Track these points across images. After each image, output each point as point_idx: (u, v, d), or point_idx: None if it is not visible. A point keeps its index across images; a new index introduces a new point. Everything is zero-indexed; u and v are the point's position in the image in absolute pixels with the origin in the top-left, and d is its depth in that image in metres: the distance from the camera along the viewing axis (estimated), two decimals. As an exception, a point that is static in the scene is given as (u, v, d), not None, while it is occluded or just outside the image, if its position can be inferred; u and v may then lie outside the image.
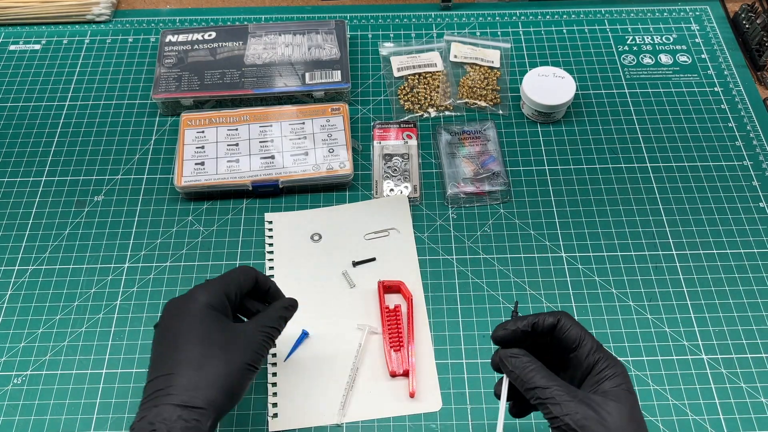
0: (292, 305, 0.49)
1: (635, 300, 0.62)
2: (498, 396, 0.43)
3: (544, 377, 0.39)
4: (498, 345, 0.43)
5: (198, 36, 0.79)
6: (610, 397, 0.38)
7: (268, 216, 0.68)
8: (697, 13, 0.86)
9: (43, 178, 0.71)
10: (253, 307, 0.50)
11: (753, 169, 0.71)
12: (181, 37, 0.79)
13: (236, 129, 0.72)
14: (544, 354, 0.43)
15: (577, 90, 0.73)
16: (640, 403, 0.40)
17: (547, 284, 0.63)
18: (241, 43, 0.78)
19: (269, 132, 0.72)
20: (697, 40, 0.83)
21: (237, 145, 0.71)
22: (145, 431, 0.38)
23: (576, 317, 0.55)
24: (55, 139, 0.74)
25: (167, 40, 0.79)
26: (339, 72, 0.75)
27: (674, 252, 0.65)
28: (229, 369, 0.41)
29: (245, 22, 0.84)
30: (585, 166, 0.72)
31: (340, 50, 0.77)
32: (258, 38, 0.79)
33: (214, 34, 0.79)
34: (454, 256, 0.65)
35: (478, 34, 0.84)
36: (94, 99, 0.78)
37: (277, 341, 0.59)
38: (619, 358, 0.41)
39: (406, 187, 0.69)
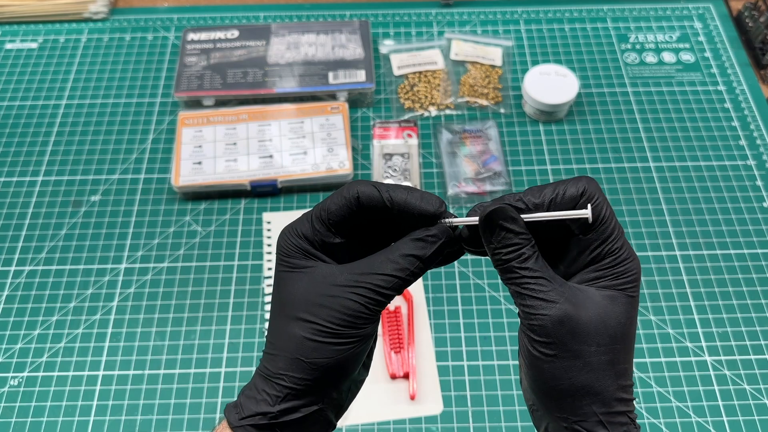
0: (422, 240, 0.31)
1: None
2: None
3: (535, 266, 0.30)
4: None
5: (220, 35, 0.79)
6: (601, 298, 0.30)
7: (266, 216, 0.67)
8: (701, 12, 0.85)
9: (40, 178, 0.71)
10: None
11: (756, 169, 0.71)
12: (203, 36, 0.79)
13: (234, 128, 0.71)
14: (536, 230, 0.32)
15: (579, 88, 0.73)
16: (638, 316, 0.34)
17: (548, 285, 0.62)
18: (263, 42, 0.78)
19: (268, 131, 0.71)
20: (700, 39, 0.82)
21: (235, 144, 0.70)
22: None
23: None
24: (52, 138, 0.74)
25: (189, 38, 0.79)
26: (363, 72, 0.75)
27: (677, 252, 0.65)
28: (299, 334, 0.31)
29: (243, 21, 0.84)
30: (587, 166, 0.71)
31: (364, 50, 0.77)
32: (281, 37, 0.78)
33: (236, 33, 0.79)
34: (455, 257, 0.64)
35: (479, 31, 0.83)
36: (91, 98, 0.77)
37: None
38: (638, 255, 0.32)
39: (407, 186, 0.69)
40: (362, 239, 0.33)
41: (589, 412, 0.30)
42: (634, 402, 0.31)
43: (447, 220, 0.32)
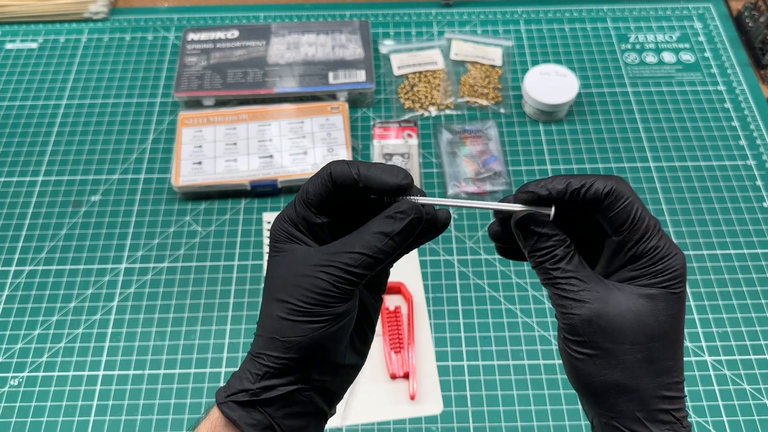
0: (394, 214, 0.31)
1: (638, 301, 0.62)
2: (495, 238, 0.34)
3: (568, 266, 0.30)
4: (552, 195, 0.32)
5: (220, 35, 0.79)
6: (637, 297, 0.30)
7: (266, 216, 0.67)
8: (701, 12, 0.85)
9: (40, 178, 0.71)
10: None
11: (756, 169, 0.71)
12: (203, 36, 0.79)
13: (234, 128, 0.71)
14: (569, 229, 0.32)
15: (579, 88, 0.73)
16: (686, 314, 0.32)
17: (548, 285, 0.62)
18: (264, 42, 0.78)
19: (268, 131, 0.71)
20: (700, 39, 0.82)
21: (235, 144, 0.70)
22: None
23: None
24: (52, 138, 0.74)
25: (189, 38, 0.79)
26: (363, 72, 0.75)
27: (677, 252, 0.65)
28: (272, 313, 0.32)
29: (243, 21, 0.84)
30: (587, 166, 0.71)
31: (364, 50, 0.77)
32: (281, 37, 0.78)
33: (237, 33, 0.79)
34: (455, 257, 0.64)
35: (479, 32, 0.83)
36: (92, 98, 0.77)
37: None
38: (681, 250, 0.31)
39: (407, 186, 0.69)
40: (347, 220, 0.33)
41: (626, 410, 0.30)
42: (685, 399, 0.31)
43: (414, 198, 0.32)
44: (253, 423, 0.32)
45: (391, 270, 0.37)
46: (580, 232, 0.33)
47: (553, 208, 0.31)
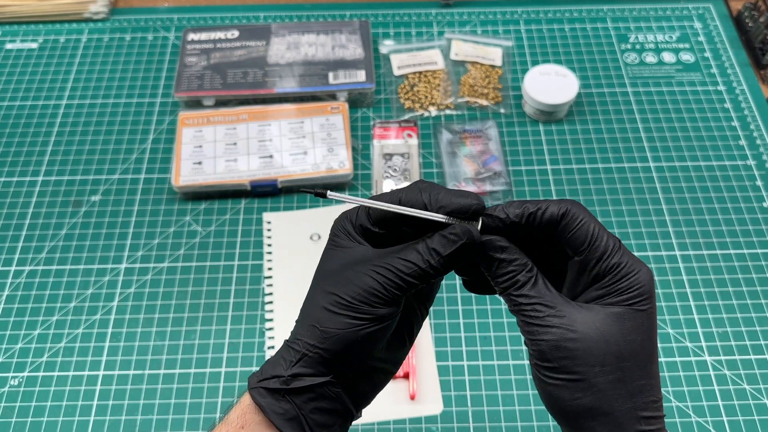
0: (450, 235, 0.31)
1: (638, 301, 0.61)
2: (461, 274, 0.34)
3: (531, 292, 0.31)
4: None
5: (221, 35, 0.79)
6: (605, 316, 0.30)
7: (266, 216, 0.67)
8: (700, 12, 0.85)
9: (40, 178, 0.71)
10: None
11: (756, 169, 0.71)
12: (204, 36, 0.79)
13: (234, 128, 0.71)
14: (533, 253, 0.33)
15: (579, 88, 0.73)
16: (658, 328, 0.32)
17: (548, 285, 0.62)
18: (264, 42, 0.78)
19: (268, 131, 0.71)
20: (700, 39, 0.82)
21: (235, 144, 0.70)
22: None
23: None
24: (52, 138, 0.74)
25: (189, 38, 0.79)
26: (363, 72, 0.75)
27: (677, 252, 0.65)
28: (319, 302, 0.32)
29: (243, 21, 0.84)
30: (587, 166, 0.71)
31: (364, 50, 0.77)
32: (281, 37, 0.78)
33: (237, 33, 0.79)
34: (455, 257, 0.64)
35: (479, 32, 0.83)
36: (92, 98, 0.77)
37: (276, 342, 0.59)
38: (645, 264, 0.31)
39: (407, 186, 0.69)
40: (403, 235, 0.34)
41: None
42: (663, 418, 0.30)
43: (333, 194, 0.33)
44: (281, 412, 0.32)
45: None
46: (547, 256, 0.33)
47: (480, 220, 0.32)
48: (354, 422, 0.35)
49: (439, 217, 0.32)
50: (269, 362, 0.33)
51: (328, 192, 0.33)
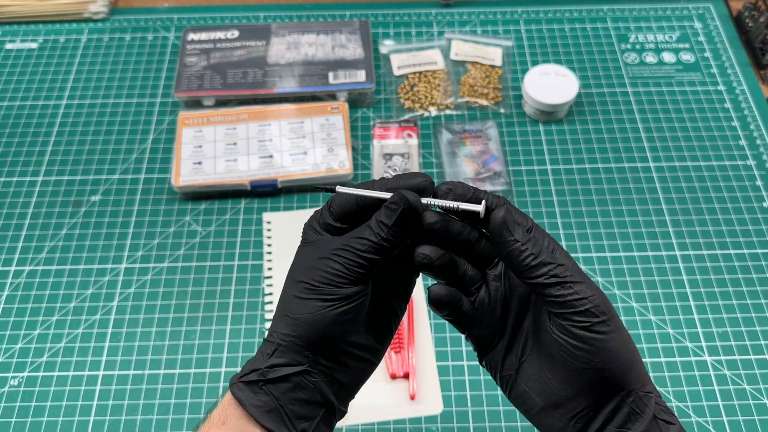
0: (389, 203, 0.32)
1: (638, 301, 0.62)
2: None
3: (558, 251, 0.31)
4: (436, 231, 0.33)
5: (221, 35, 0.79)
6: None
7: (266, 216, 0.67)
8: (700, 12, 0.85)
9: (40, 178, 0.71)
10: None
11: (756, 169, 0.71)
12: (204, 36, 0.79)
13: (234, 128, 0.71)
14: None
15: (579, 88, 0.73)
16: None
17: (548, 285, 0.62)
18: (264, 42, 0.78)
19: (268, 131, 0.71)
20: (700, 39, 0.82)
21: (235, 144, 0.70)
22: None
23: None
24: (52, 138, 0.74)
25: (189, 38, 0.79)
26: (363, 72, 0.75)
27: (677, 252, 0.65)
28: (288, 291, 0.34)
29: (243, 21, 0.84)
30: (587, 166, 0.71)
31: (364, 50, 0.77)
32: (281, 37, 0.78)
33: (237, 33, 0.79)
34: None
35: (479, 32, 0.83)
36: (92, 98, 0.77)
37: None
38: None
39: (407, 186, 0.69)
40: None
41: (644, 376, 0.31)
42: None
43: (426, 200, 0.33)
44: (259, 404, 0.32)
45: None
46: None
47: (483, 203, 0.33)
48: (347, 422, 0.35)
49: (475, 207, 0.33)
50: (249, 360, 0.34)
51: (338, 187, 0.34)
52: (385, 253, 0.32)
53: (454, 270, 0.34)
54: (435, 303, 0.34)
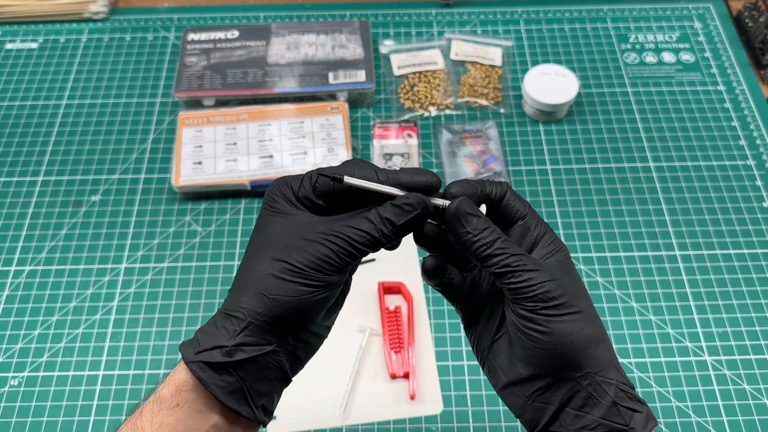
0: (401, 204, 0.33)
1: (638, 301, 0.62)
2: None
3: (510, 242, 0.32)
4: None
5: (221, 35, 0.79)
6: (563, 268, 0.33)
7: (267, 216, 0.67)
8: (700, 12, 0.85)
9: (40, 178, 0.71)
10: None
11: (756, 169, 0.71)
12: (204, 36, 0.79)
13: (234, 128, 0.71)
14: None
15: (579, 88, 0.73)
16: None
17: (548, 285, 0.62)
18: (264, 42, 0.78)
19: (268, 131, 0.71)
20: (700, 39, 0.82)
21: (235, 144, 0.70)
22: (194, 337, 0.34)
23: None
24: (52, 138, 0.74)
25: (189, 38, 0.79)
26: (363, 72, 0.75)
27: (677, 252, 0.65)
28: (265, 269, 0.32)
29: (243, 21, 0.84)
30: (587, 166, 0.71)
31: (364, 50, 0.77)
32: (281, 37, 0.78)
33: (237, 33, 0.79)
34: (455, 257, 0.64)
35: (479, 32, 0.83)
36: (92, 98, 0.77)
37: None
38: (600, 318, 0.34)
39: (407, 186, 0.69)
40: (345, 206, 0.34)
41: (603, 359, 0.31)
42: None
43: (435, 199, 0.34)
44: (224, 385, 0.31)
45: (391, 270, 0.37)
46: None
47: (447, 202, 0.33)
48: (347, 422, 0.35)
49: (438, 201, 0.33)
50: (204, 332, 0.32)
51: (345, 177, 0.32)
52: (380, 247, 0.33)
53: (450, 253, 0.36)
54: (426, 272, 0.35)
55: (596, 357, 0.31)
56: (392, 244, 0.34)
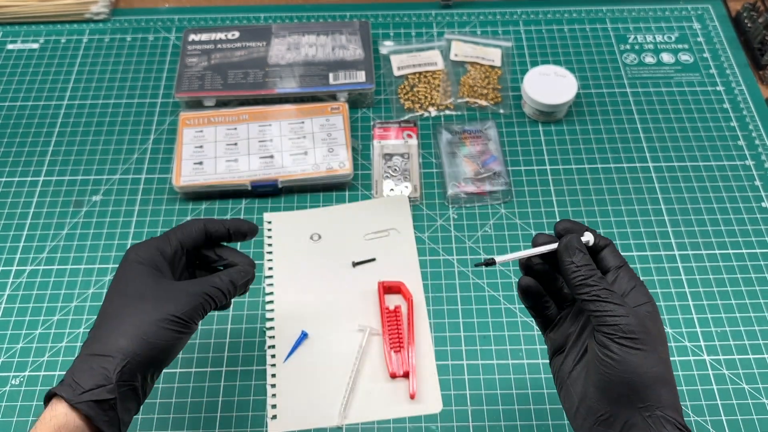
0: (244, 271, 0.47)
1: (637, 301, 0.62)
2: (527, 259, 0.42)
3: (603, 279, 0.38)
4: (562, 233, 0.41)
5: (221, 35, 0.79)
6: (650, 317, 0.38)
7: (267, 216, 0.68)
8: (699, 12, 0.86)
9: (41, 178, 0.71)
10: (218, 257, 0.49)
11: (755, 169, 0.71)
12: (204, 36, 0.79)
13: (235, 128, 0.72)
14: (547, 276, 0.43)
15: (578, 89, 0.73)
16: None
17: (548, 285, 0.62)
18: (264, 43, 0.78)
19: (268, 131, 0.72)
20: (699, 39, 0.83)
21: (236, 144, 0.70)
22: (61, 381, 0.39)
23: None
24: (53, 139, 0.74)
25: (190, 39, 0.79)
26: (363, 72, 0.75)
27: (676, 252, 0.65)
28: (146, 318, 0.40)
29: (244, 22, 0.84)
30: (586, 166, 0.71)
31: (364, 51, 0.77)
32: (281, 38, 0.79)
33: (237, 34, 0.79)
34: (455, 257, 0.65)
35: (478, 32, 0.83)
36: (93, 98, 0.77)
37: (276, 341, 0.59)
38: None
39: (407, 186, 0.69)
40: (189, 264, 0.47)
41: (666, 399, 0.36)
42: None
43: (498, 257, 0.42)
44: (107, 419, 0.37)
45: (392, 270, 0.47)
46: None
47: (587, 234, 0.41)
48: (347, 421, 0.40)
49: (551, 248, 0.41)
50: (80, 374, 0.37)
51: (496, 258, 0.41)
52: (226, 301, 0.46)
53: (552, 288, 0.44)
54: (521, 289, 0.43)
55: (660, 395, 0.36)
56: (228, 302, 0.45)
